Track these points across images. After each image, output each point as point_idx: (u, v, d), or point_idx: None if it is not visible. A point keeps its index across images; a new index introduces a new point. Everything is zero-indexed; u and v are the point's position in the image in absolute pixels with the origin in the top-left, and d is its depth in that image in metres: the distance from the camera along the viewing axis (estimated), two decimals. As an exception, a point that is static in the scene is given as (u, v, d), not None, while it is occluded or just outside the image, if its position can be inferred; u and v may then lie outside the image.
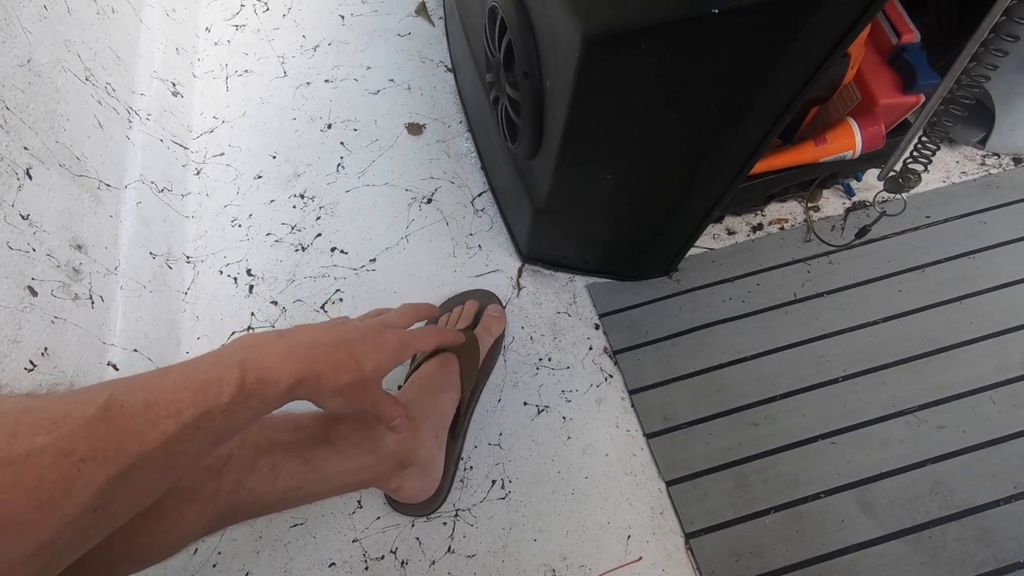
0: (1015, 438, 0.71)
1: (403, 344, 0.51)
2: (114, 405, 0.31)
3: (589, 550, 0.69)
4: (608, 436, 0.75)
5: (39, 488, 0.28)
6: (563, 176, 0.63)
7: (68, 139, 0.74)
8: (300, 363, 0.41)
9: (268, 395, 0.39)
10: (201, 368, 0.37)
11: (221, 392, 0.36)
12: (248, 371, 0.38)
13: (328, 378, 0.43)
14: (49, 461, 0.28)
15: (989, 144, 0.89)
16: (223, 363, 0.38)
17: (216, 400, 0.36)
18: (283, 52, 1.09)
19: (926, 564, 0.65)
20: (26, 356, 0.60)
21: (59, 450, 0.29)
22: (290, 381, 0.40)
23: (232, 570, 0.69)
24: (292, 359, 0.41)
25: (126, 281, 0.76)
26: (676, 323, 0.81)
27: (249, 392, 0.38)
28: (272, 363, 0.40)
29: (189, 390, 0.35)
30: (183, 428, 0.34)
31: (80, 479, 0.29)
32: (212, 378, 0.36)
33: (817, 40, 0.45)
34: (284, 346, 0.41)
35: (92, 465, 0.29)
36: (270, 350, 0.41)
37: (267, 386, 0.39)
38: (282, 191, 0.94)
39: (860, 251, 0.84)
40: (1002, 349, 0.76)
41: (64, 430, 0.29)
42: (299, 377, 0.41)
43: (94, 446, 0.30)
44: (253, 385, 0.38)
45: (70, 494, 0.29)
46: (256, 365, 0.39)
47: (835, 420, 0.73)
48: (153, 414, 0.33)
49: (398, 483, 0.64)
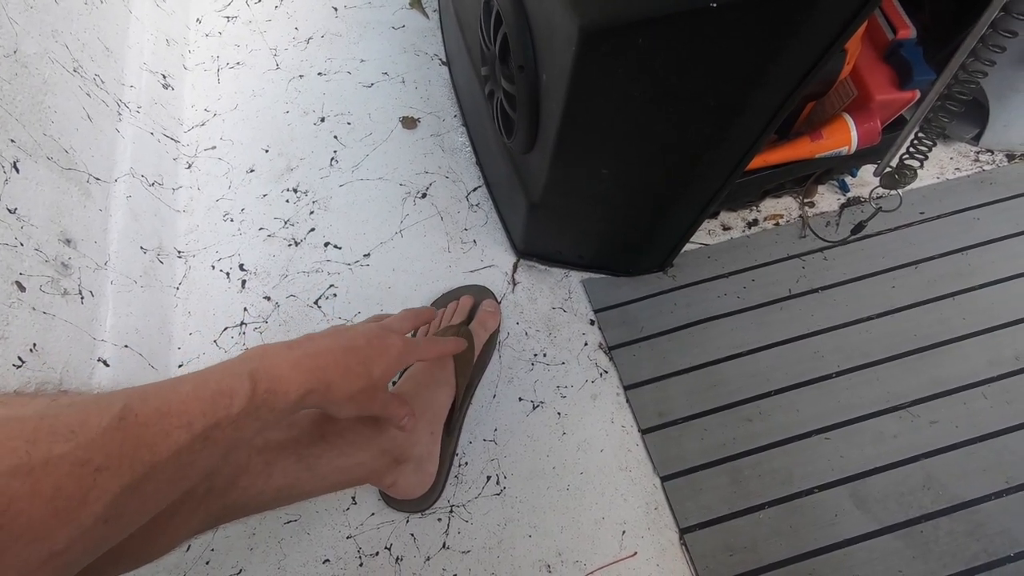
0: (1007, 433, 0.71)
1: (408, 350, 0.51)
2: (128, 414, 0.31)
3: (584, 545, 0.69)
4: (603, 432, 0.75)
5: (56, 497, 0.27)
6: (559, 171, 0.62)
7: (56, 132, 0.72)
8: (310, 372, 0.42)
9: (278, 405, 0.39)
10: (212, 379, 0.37)
11: (232, 403, 0.36)
12: (259, 381, 0.38)
13: (338, 386, 0.44)
14: (67, 470, 0.28)
15: (983, 140, 0.89)
16: (233, 373, 0.38)
17: (227, 411, 0.36)
18: (275, 44, 1.07)
19: (918, 558, 0.66)
20: (14, 352, 0.59)
21: (77, 459, 0.28)
22: (300, 392, 0.41)
23: (225, 567, 0.68)
24: (302, 369, 0.41)
25: (116, 276, 0.75)
26: (671, 319, 0.81)
27: (259, 403, 0.38)
28: (282, 373, 0.40)
29: (200, 400, 0.35)
30: (194, 439, 0.34)
31: (95, 489, 0.29)
32: (223, 388, 0.36)
33: (815, 35, 0.45)
34: (293, 356, 0.42)
35: (107, 475, 0.29)
36: (279, 360, 0.41)
37: (277, 396, 0.39)
38: (275, 185, 0.94)
39: (854, 247, 0.84)
40: (994, 345, 0.76)
41: (82, 439, 0.29)
42: (309, 387, 0.41)
43: (110, 455, 0.30)
44: (263, 396, 0.38)
45: (85, 504, 0.29)
46: (266, 375, 0.39)
47: (829, 415, 0.74)
48: (166, 423, 0.33)
49: (393, 479, 0.64)
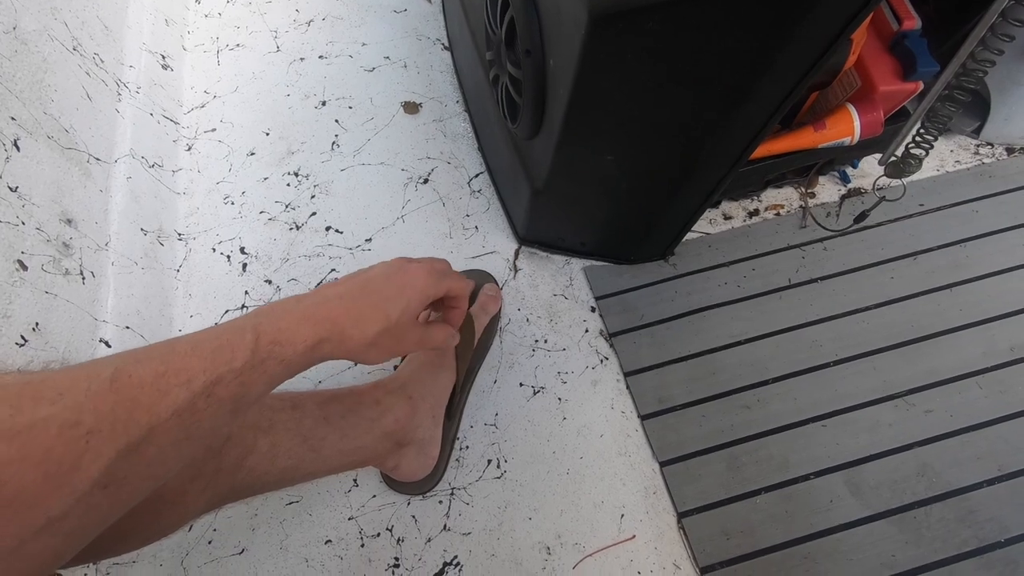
0: (1000, 422, 0.72)
1: (434, 280, 0.47)
2: (121, 376, 0.30)
3: (583, 528, 0.70)
4: (603, 417, 0.75)
5: (46, 461, 0.27)
6: (563, 156, 0.62)
7: (56, 111, 0.72)
8: (319, 322, 0.40)
9: (286, 356, 0.38)
10: (212, 335, 0.36)
11: (233, 357, 0.35)
12: (262, 334, 0.37)
13: (352, 334, 0.41)
14: (55, 432, 0.27)
15: (983, 134, 0.89)
16: (235, 328, 0.37)
17: (228, 365, 0.34)
18: (276, 26, 1.06)
19: (910, 543, 0.67)
20: (17, 331, 0.59)
21: (65, 421, 0.27)
22: (308, 342, 0.39)
23: (228, 546, 0.69)
24: (310, 319, 0.40)
25: (117, 257, 0.75)
26: (672, 307, 0.81)
27: (264, 355, 0.37)
28: (287, 325, 0.39)
29: (199, 357, 0.34)
30: (195, 396, 0.32)
31: (89, 452, 0.28)
32: (223, 343, 0.35)
33: (823, 24, 0.45)
34: (300, 307, 0.40)
35: (100, 438, 0.28)
36: (286, 313, 0.39)
37: (283, 348, 0.38)
38: (276, 169, 0.93)
39: (854, 238, 0.84)
40: (989, 336, 0.77)
41: (69, 401, 0.28)
42: (320, 337, 0.40)
43: (102, 417, 0.29)
44: (268, 347, 0.37)
45: (79, 468, 0.28)
46: (270, 327, 0.38)
47: (826, 403, 0.74)
48: (163, 383, 0.31)
49: (395, 462, 0.64)
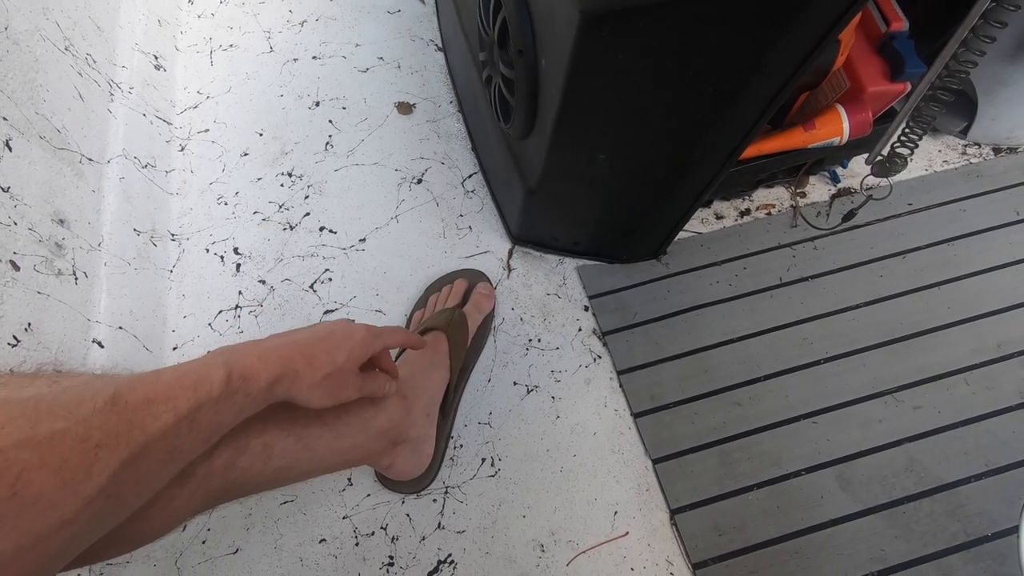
0: (988, 418, 0.73)
1: (372, 335, 0.54)
2: (119, 399, 0.34)
3: (577, 526, 0.70)
4: (596, 415, 0.76)
5: (63, 468, 0.30)
6: (556, 156, 0.63)
7: (48, 111, 0.71)
8: (277, 361, 0.45)
9: (251, 391, 0.43)
10: (191, 368, 0.40)
11: (212, 388, 0.40)
12: (232, 368, 0.42)
13: (304, 374, 0.47)
14: (70, 444, 0.31)
15: (971, 134, 0.91)
16: (209, 363, 0.41)
17: (208, 394, 0.39)
18: (269, 27, 1.06)
19: (900, 538, 0.68)
20: (9, 331, 0.59)
21: (78, 435, 0.31)
22: (269, 378, 0.44)
23: (222, 546, 0.69)
24: (269, 358, 0.45)
25: (110, 258, 0.75)
26: (664, 305, 0.82)
27: (235, 388, 0.41)
28: (251, 363, 0.44)
29: (183, 387, 0.38)
30: (180, 420, 0.37)
31: (98, 463, 0.32)
32: (202, 376, 0.40)
33: (811, 23, 0.46)
34: (259, 349, 0.45)
35: (107, 451, 0.32)
36: (246, 352, 0.45)
37: (250, 382, 0.43)
38: (269, 169, 0.93)
39: (844, 237, 0.85)
40: (977, 333, 0.78)
41: (80, 417, 0.32)
42: (277, 374, 0.45)
43: (107, 433, 0.33)
44: (238, 382, 0.42)
45: (90, 476, 0.32)
46: (239, 363, 0.43)
47: (817, 400, 0.75)
48: (154, 408, 0.36)
49: (390, 461, 0.64)
